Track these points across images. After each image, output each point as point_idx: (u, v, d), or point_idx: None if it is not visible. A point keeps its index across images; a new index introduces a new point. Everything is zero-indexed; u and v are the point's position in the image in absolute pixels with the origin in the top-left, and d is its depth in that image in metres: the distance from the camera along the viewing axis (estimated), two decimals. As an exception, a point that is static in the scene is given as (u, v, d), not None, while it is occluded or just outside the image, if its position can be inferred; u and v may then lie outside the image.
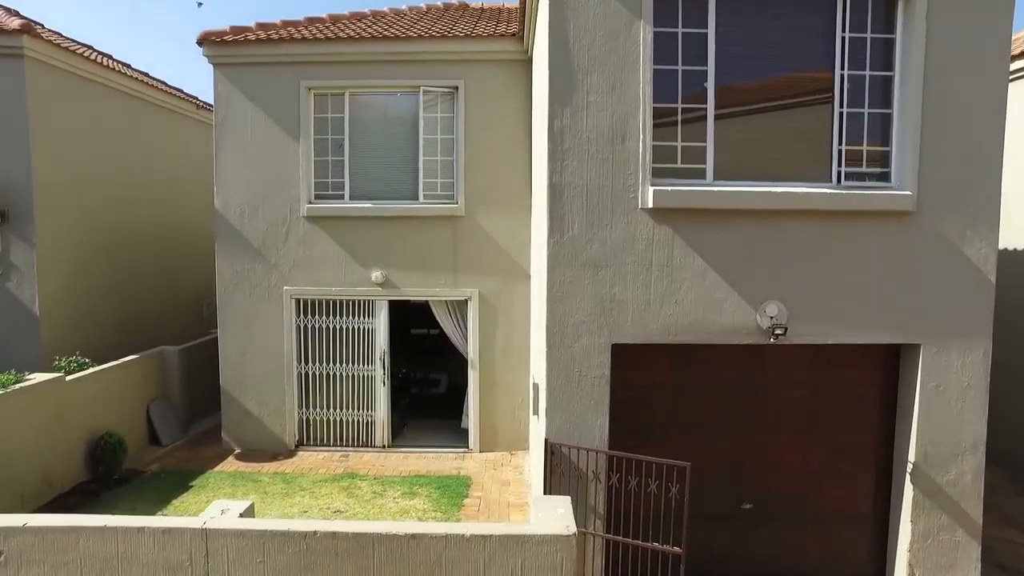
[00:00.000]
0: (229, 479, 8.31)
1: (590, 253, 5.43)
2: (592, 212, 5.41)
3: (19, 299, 9.12)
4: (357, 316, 9.43)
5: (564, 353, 5.49)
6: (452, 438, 9.85)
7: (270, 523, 3.96)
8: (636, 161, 5.39)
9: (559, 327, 5.46)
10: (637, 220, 5.44)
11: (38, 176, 9.07)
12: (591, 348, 5.48)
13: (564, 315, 5.46)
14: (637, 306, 5.49)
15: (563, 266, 5.43)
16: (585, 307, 5.46)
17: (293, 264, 9.28)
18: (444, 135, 9.33)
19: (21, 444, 7.24)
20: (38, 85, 9.08)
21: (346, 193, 9.32)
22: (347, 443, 9.58)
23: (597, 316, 5.47)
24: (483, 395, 9.51)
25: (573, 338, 5.48)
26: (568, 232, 5.44)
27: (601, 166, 5.40)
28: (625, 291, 5.48)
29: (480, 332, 9.42)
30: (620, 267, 5.46)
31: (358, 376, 9.53)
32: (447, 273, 9.35)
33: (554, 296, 5.46)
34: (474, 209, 9.28)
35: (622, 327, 5.49)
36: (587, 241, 5.43)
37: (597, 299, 5.46)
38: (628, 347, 5.57)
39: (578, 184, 5.41)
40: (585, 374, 5.50)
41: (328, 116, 9.28)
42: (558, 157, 5.38)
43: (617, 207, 5.42)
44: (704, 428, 5.94)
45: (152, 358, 9.64)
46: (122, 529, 3.81)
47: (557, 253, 5.43)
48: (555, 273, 5.44)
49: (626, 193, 5.42)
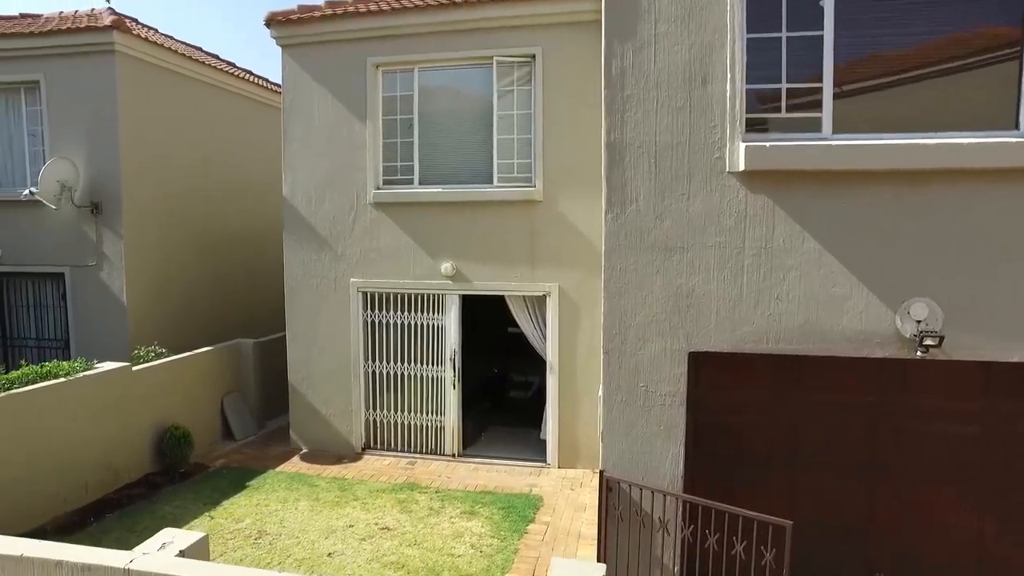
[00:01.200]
0: (286, 481, 7.78)
1: (660, 232, 4.13)
2: (662, 178, 4.10)
3: (110, 289, 9.19)
4: (426, 311, 8.60)
5: (625, 362, 4.22)
6: (529, 450, 8.76)
7: (207, 569, 3.11)
8: (722, 109, 4.00)
9: (619, 328, 4.21)
10: (723, 187, 4.06)
11: (125, 169, 9.08)
12: (661, 356, 4.18)
13: (625, 313, 4.20)
14: (724, 303, 4.11)
15: (624, 249, 4.17)
16: (653, 303, 4.16)
17: (360, 255, 8.62)
18: (521, 110, 8.25)
19: (86, 433, 7.06)
20: (128, 79, 9.09)
21: (415, 177, 8.51)
22: (415, 449, 8.78)
23: (669, 315, 4.15)
24: (563, 404, 8.34)
25: (637, 343, 4.20)
26: (631, 205, 4.16)
27: (674, 117, 4.07)
28: (707, 282, 4.11)
29: (560, 332, 8.24)
30: (700, 250, 4.11)
31: (427, 377, 8.70)
32: (523, 265, 8.27)
33: (613, 288, 4.21)
34: (554, 193, 8.12)
35: (703, 330, 4.13)
36: (656, 217, 4.13)
37: (669, 293, 4.14)
38: (711, 357, 4.20)
39: (643, 142, 4.12)
40: (653, 390, 4.21)
41: (397, 95, 8.51)
42: (617, 108, 4.12)
43: (696, 171, 4.07)
44: (817, 469, 4.38)
45: (228, 351, 9.40)
46: (39, 561, 3.12)
47: (616, 233, 4.18)
48: (614, 259, 4.20)
49: (708, 152, 4.05)
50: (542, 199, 8.13)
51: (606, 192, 4.19)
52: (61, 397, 6.83)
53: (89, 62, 8.98)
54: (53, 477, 6.72)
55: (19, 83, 9.30)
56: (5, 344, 9.70)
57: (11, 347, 9.69)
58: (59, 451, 6.79)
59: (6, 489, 6.25)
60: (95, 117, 9.01)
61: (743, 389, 4.34)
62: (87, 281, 9.23)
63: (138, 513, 6.88)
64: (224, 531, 6.50)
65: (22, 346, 9.66)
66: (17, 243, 9.44)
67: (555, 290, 8.17)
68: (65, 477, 6.85)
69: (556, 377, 8.30)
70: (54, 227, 9.28)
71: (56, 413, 6.77)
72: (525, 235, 8.21)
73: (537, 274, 8.22)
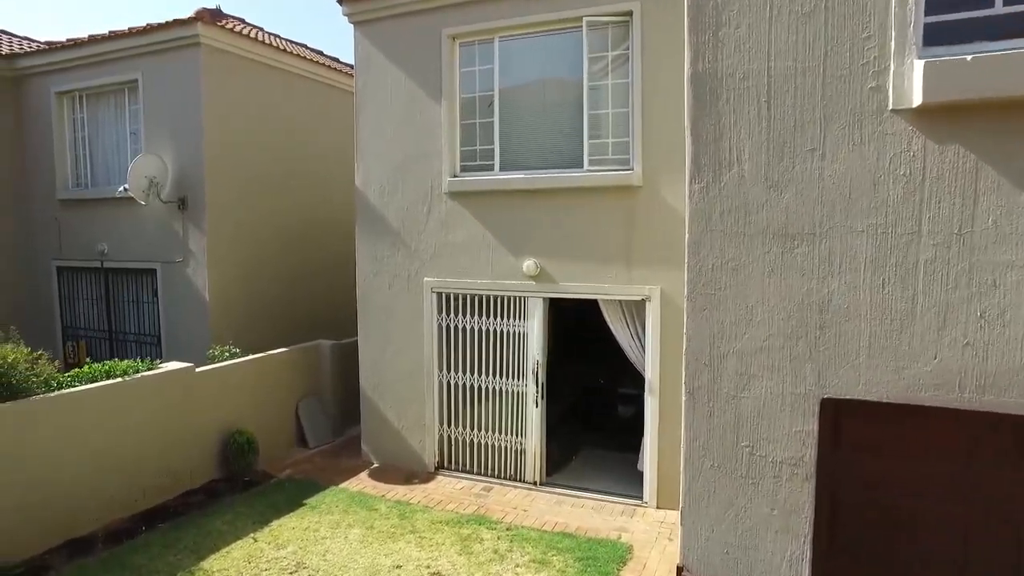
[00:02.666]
0: (346, 502, 6.91)
1: (775, 210, 2.62)
2: (780, 127, 2.59)
3: (194, 285, 8.92)
4: (505, 316, 7.40)
5: (718, 409, 2.75)
6: (625, 481, 7.27)
7: None
8: (883, 7, 2.43)
9: (709, 358, 2.74)
10: (884, 137, 2.46)
11: (209, 162, 8.73)
12: (775, 403, 2.66)
13: (719, 335, 2.73)
14: (882, 322, 2.52)
15: (718, 237, 2.70)
16: (764, 320, 2.66)
17: (434, 251, 7.59)
18: (616, 79, 6.81)
19: (145, 436, 6.59)
20: (212, 72, 8.74)
21: (495, 162, 7.33)
22: (492, 473, 7.60)
23: (790, 340, 2.63)
24: (665, 430, 6.78)
25: (737, 381, 2.71)
26: (729, 169, 2.68)
27: (800, 29, 2.53)
28: (854, 289, 2.54)
29: (663, 344, 6.70)
30: (843, 238, 2.55)
31: (506, 392, 7.49)
32: (618, 264, 6.82)
33: (700, 297, 2.75)
34: (655, 177, 6.60)
35: (846, 365, 2.57)
36: (769, 186, 2.62)
37: (790, 304, 2.62)
38: (860, 407, 2.62)
39: (750, 71, 2.62)
40: (761, 453, 2.70)
41: (475, 69, 7.38)
42: (707, 21, 2.65)
43: (836, 112, 2.51)
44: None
45: (305, 352, 8.76)
46: None
47: (706, 213, 2.71)
48: (702, 252, 2.74)
49: (857, 80, 2.48)
50: (641, 184, 6.63)
51: (691, 151, 2.73)
52: (118, 398, 6.39)
53: (177, 57, 8.73)
54: (109, 480, 6.29)
55: (122, 83, 9.28)
56: (111, 338, 9.79)
57: (116, 341, 9.75)
58: (116, 454, 6.35)
59: (59, 492, 5.85)
60: (182, 112, 8.75)
61: (915, 459, 2.69)
62: (175, 277, 9.02)
63: (187, 526, 6.28)
64: (262, 559, 5.70)
65: (124, 340, 9.69)
66: (119, 240, 9.45)
67: (656, 294, 6.65)
68: (121, 481, 6.40)
69: (656, 398, 6.77)
70: (147, 223, 9.16)
71: (113, 414, 6.33)
72: (621, 228, 6.76)
73: (635, 274, 6.74)
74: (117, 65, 9.19)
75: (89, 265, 9.68)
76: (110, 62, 9.23)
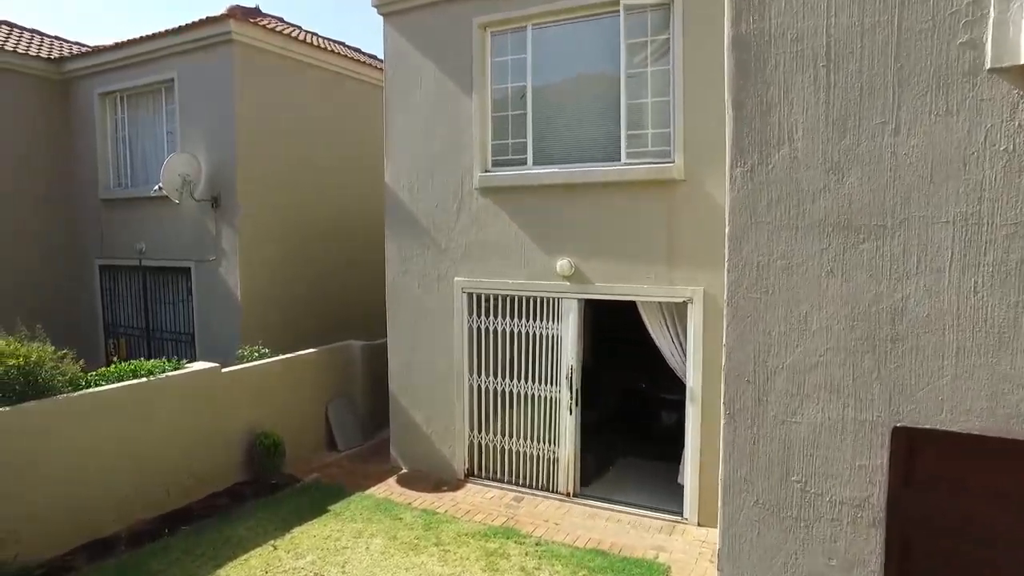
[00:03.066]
0: (370, 509, 6.62)
1: (836, 197, 2.14)
2: (842, 96, 2.11)
3: (227, 284, 8.83)
4: (538, 318, 6.98)
5: (764, 435, 2.29)
6: (665, 494, 6.76)
7: None
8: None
9: (753, 374, 2.28)
10: (977, 104, 1.96)
11: (240, 160, 8.61)
12: (834, 430, 2.19)
13: (765, 346, 2.26)
14: (973, 336, 2.02)
15: (764, 230, 2.24)
16: (820, 329, 2.19)
17: (465, 250, 7.24)
18: (656, 66, 6.31)
19: (169, 437, 6.44)
20: (244, 69, 8.61)
21: (528, 157, 6.92)
22: (524, 482, 7.20)
23: (853, 354, 2.15)
24: (707, 443, 6.25)
25: (787, 402, 2.24)
26: (779, 148, 2.22)
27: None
28: (936, 294, 2.04)
29: (705, 350, 6.18)
30: (922, 231, 2.05)
31: (539, 398, 7.07)
32: (658, 263, 6.33)
33: (743, 301, 2.29)
34: (698, 169, 6.08)
35: (925, 387, 2.07)
36: (828, 168, 2.14)
37: (853, 311, 2.14)
38: (943, 438, 2.13)
39: (803, 31, 2.15)
40: (817, 490, 2.23)
41: (507, 59, 6.99)
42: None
43: (913, 76, 2.01)
44: None
45: (334, 353, 8.53)
46: None
47: (751, 200, 2.25)
48: (745, 248, 2.28)
49: (940, 35, 1.98)
50: (683, 178, 6.13)
51: (732, 129, 2.28)
52: (144, 398, 6.27)
53: (211, 55, 8.65)
54: (133, 481, 6.16)
55: (159, 83, 9.28)
56: (149, 336, 9.82)
57: (153, 339, 9.78)
58: (141, 454, 6.22)
59: (84, 492, 5.75)
60: (215, 110, 8.66)
61: (1013, 504, 2.17)
62: (208, 276, 8.95)
63: (209, 530, 6.10)
64: (279, 569, 5.45)
65: (161, 338, 9.70)
66: (156, 239, 9.46)
67: (699, 295, 6.13)
68: (146, 482, 6.27)
69: (699, 407, 6.25)
70: (182, 222, 9.12)
71: (138, 414, 6.21)
72: (660, 224, 6.27)
73: (676, 275, 6.24)
74: (154, 65, 9.19)
75: (128, 264, 9.73)
76: (148, 62, 9.24)
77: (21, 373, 5.42)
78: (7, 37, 10.13)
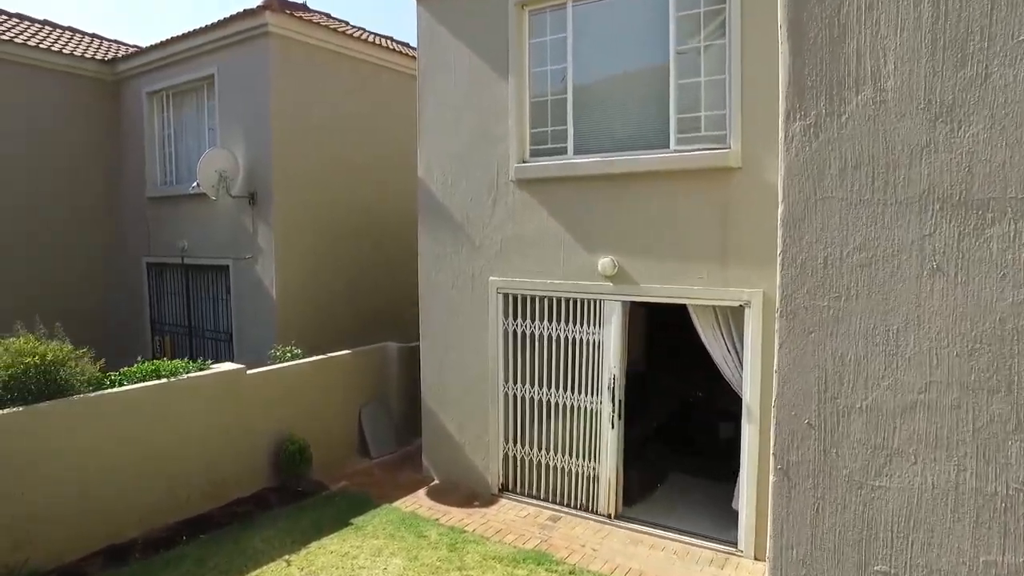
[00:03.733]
0: (395, 524, 6.17)
1: (947, 158, 1.50)
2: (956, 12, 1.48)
3: (263, 282, 8.61)
4: (578, 322, 6.37)
5: (830, 501, 1.65)
6: (718, 520, 6.03)
7: None
8: None
9: (811, 412, 1.65)
10: None
11: (276, 155, 8.36)
12: (942, 504, 1.53)
13: (832, 374, 1.63)
14: None
15: (832, 208, 1.59)
16: (920, 352, 1.54)
17: (500, 247, 6.70)
18: (711, 40, 5.61)
19: (191, 439, 6.18)
20: (280, 61, 8.37)
21: (569, 145, 6.32)
22: (561, 500, 6.59)
23: (972, 391, 1.49)
24: (767, 466, 5.49)
25: (868, 458, 1.59)
26: (858, 91, 1.56)
27: None
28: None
29: (764, 360, 5.42)
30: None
31: (578, 409, 6.45)
32: (711, 261, 5.61)
33: (800, 311, 1.66)
34: (758, 156, 5.33)
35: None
36: (933, 118, 1.48)
37: (975, 327, 1.48)
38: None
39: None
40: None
41: (547, 39, 6.41)
42: None
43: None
44: None
45: (369, 355, 8.15)
46: None
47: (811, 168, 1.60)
48: (804, 235, 1.64)
49: None
50: (740, 165, 5.40)
51: (788, 68, 1.65)
52: (165, 399, 6.05)
53: (248, 49, 8.46)
54: (153, 485, 5.95)
55: (201, 80, 9.19)
56: (191, 334, 9.75)
57: (194, 337, 9.71)
58: (161, 458, 6.00)
59: (101, 495, 5.55)
60: (252, 104, 8.47)
61: None
62: (245, 274, 8.76)
63: (225, 540, 5.80)
64: (290, 588, 5.08)
65: (203, 337, 9.62)
66: (197, 236, 9.37)
67: (757, 298, 5.38)
68: (166, 486, 6.05)
69: (757, 426, 5.50)
70: (221, 219, 8.99)
71: (159, 416, 5.99)
72: (714, 218, 5.56)
73: (731, 275, 5.51)
74: (196, 62, 9.11)
75: (172, 262, 9.69)
76: (190, 59, 9.16)
77: (38, 372, 5.24)
78: (57, 39, 10.28)
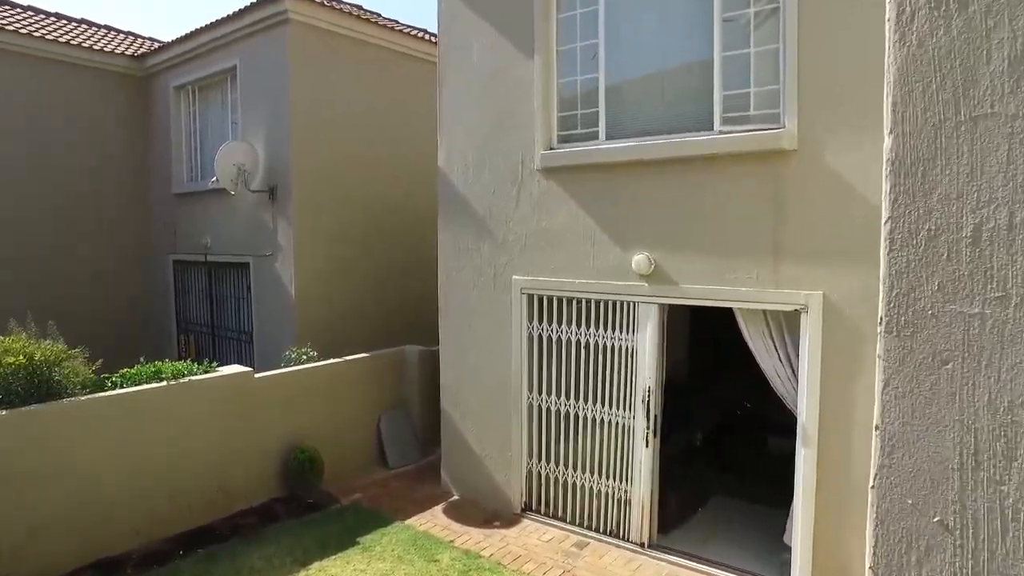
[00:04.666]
0: (405, 544, 5.65)
1: None
2: None
3: (282, 280, 8.26)
4: (609, 326, 5.71)
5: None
6: (766, 553, 5.27)
7: None
8: None
9: (953, 491, 1.01)
10: None
11: (295, 148, 7.99)
12: None
13: (980, 435, 0.98)
14: None
15: (984, 129, 0.97)
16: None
17: (524, 242, 6.11)
18: (761, 4, 4.89)
19: (193, 446, 5.81)
20: (301, 49, 7.99)
21: (600, 129, 5.68)
22: (589, 524, 5.94)
23: None
24: (824, 497, 4.72)
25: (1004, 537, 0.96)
26: None
27: None
28: None
29: (824, 376, 4.66)
30: None
31: (608, 423, 5.79)
32: (761, 259, 4.88)
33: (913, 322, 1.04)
34: (818, 136, 4.58)
35: None
36: None
37: None
38: None
39: None
40: None
41: (576, 13, 5.78)
42: None
43: None
44: None
45: (388, 359, 7.66)
46: None
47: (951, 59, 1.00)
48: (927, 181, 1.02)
49: None
50: (795, 147, 4.65)
51: None
52: (164, 403, 5.69)
53: (268, 38, 8.14)
54: (151, 494, 5.60)
55: (224, 72, 8.94)
56: (214, 333, 9.51)
57: (217, 336, 9.46)
58: (161, 466, 5.65)
59: (95, 504, 5.23)
60: (272, 95, 8.15)
61: None
62: (265, 272, 8.43)
63: (222, 557, 5.39)
64: (282, 617, 4.61)
65: (225, 336, 9.36)
66: (220, 233, 9.11)
67: (816, 302, 4.63)
68: (165, 496, 5.69)
69: (814, 451, 4.73)
70: (241, 215, 8.69)
71: (159, 421, 5.64)
72: (765, 209, 4.83)
73: (784, 274, 4.77)
74: (219, 53, 8.86)
75: (196, 259, 9.48)
76: (214, 50, 8.93)
77: (25, 372, 4.93)
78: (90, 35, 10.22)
